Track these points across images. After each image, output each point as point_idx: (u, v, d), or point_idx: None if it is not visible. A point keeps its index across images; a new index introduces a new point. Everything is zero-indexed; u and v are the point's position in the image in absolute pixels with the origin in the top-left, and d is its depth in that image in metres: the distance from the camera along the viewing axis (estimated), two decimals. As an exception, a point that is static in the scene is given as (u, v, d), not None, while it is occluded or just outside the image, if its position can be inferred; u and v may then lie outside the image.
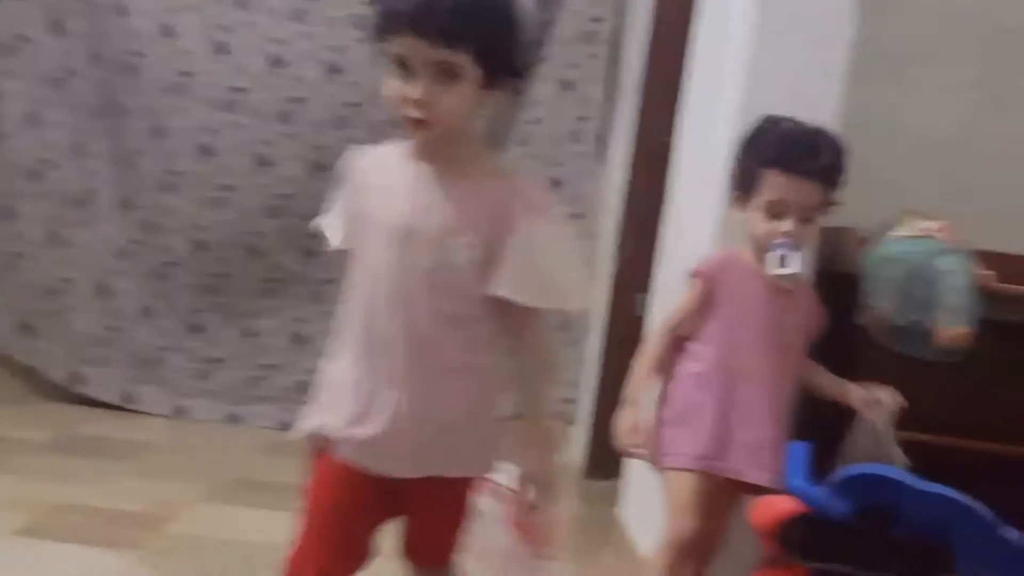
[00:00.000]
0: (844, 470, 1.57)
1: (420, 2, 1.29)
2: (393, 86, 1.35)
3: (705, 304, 1.91)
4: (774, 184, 1.84)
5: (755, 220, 1.86)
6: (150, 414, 3.43)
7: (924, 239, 2.04)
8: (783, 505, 1.61)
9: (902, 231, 2.08)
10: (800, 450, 1.67)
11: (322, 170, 3.40)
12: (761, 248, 1.86)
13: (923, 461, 1.80)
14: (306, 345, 3.53)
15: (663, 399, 1.95)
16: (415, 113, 1.34)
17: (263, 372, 3.56)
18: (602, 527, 2.76)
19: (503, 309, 1.41)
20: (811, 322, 1.94)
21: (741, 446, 1.85)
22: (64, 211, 3.47)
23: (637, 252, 3.05)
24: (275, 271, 3.57)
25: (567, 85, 3.53)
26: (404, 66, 1.33)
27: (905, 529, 1.53)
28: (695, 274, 1.92)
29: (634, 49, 3.36)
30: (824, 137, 1.91)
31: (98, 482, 2.67)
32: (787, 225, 1.83)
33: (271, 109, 3.46)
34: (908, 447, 2.05)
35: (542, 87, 3.50)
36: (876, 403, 1.86)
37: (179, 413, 3.46)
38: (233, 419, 3.48)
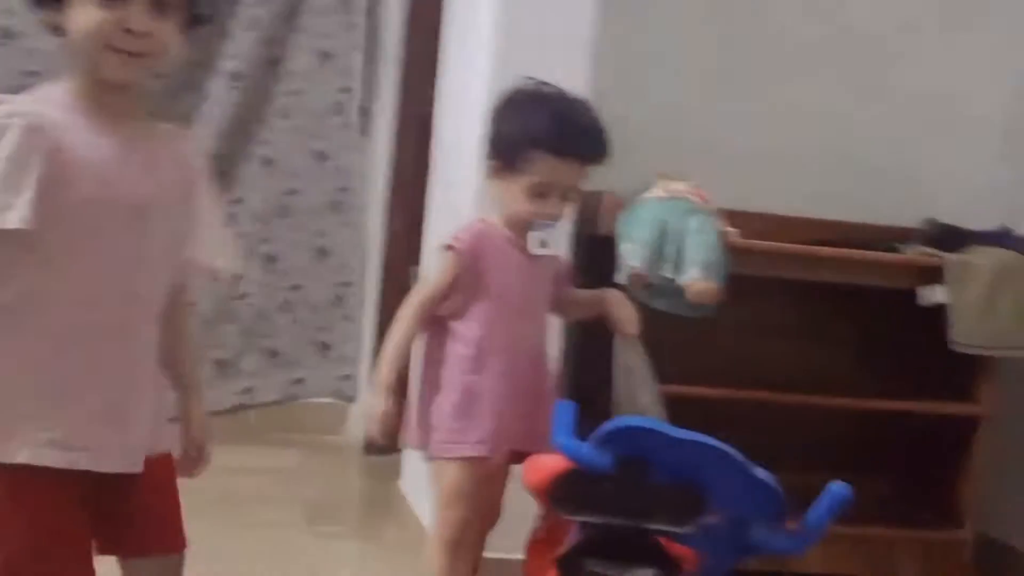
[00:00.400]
0: (603, 425, 1.58)
1: None
2: (95, 16, 1.18)
3: (465, 279, 1.81)
4: (543, 166, 1.75)
5: (517, 197, 1.78)
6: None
7: (675, 200, 2.10)
8: (551, 463, 1.59)
9: (654, 193, 2.14)
10: (565, 409, 1.67)
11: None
12: (519, 224, 1.80)
13: (677, 411, 1.87)
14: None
15: (433, 385, 1.85)
16: (131, 45, 1.20)
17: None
18: (385, 501, 2.75)
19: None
20: (561, 283, 1.90)
21: (520, 422, 1.81)
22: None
23: (407, 224, 3.05)
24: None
25: (325, 56, 3.43)
26: None
27: (662, 476, 1.54)
28: (451, 248, 1.81)
29: (392, 17, 3.33)
30: (592, 116, 1.82)
31: None
32: (552, 206, 1.78)
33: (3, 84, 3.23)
34: (669, 395, 2.14)
35: (301, 58, 3.39)
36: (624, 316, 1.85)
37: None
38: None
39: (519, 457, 1.76)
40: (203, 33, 3.36)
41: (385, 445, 2.43)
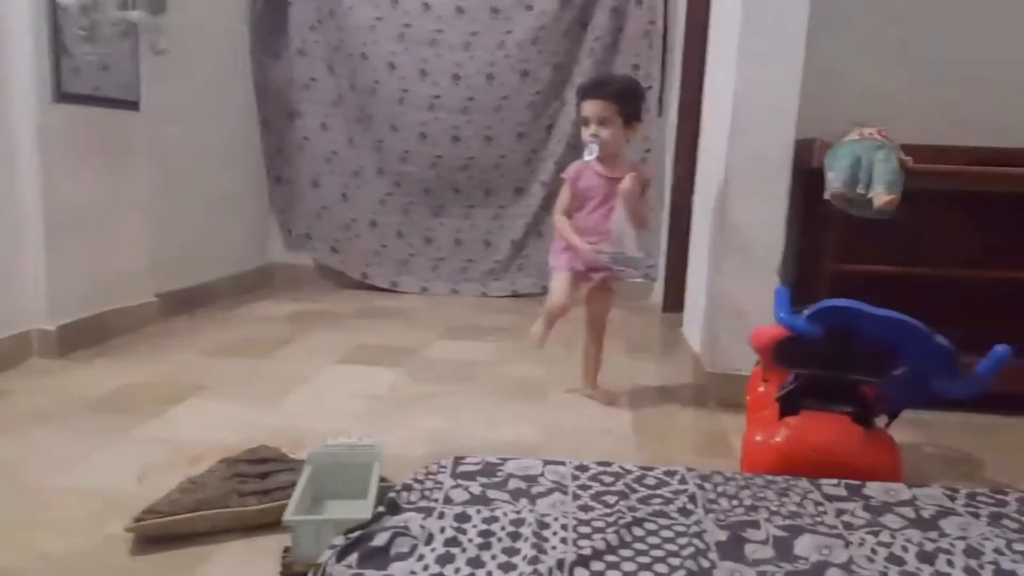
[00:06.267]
0: (816, 304, 1.46)
1: None
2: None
3: (574, 194, 1.97)
4: (583, 107, 1.92)
5: (583, 132, 1.93)
6: (408, 292, 3.58)
7: (865, 140, 1.89)
8: (773, 332, 1.50)
9: (851, 136, 1.93)
10: (783, 292, 1.57)
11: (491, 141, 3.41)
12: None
13: (872, 284, 1.71)
14: (491, 247, 3.61)
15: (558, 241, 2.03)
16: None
17: (468, 263, 3.65)
18: (673, 339, 2.75)
19: None
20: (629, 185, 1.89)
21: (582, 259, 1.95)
22: (347, 180, 3.62)
23: (686, 171, 2.97)
24: (470, 201, 3.61)
25: (636, 68, 3.38)
26: None
27: (862, 341, 1.40)
28: (566, 177, 1.99)
29: (678, 35, 3.21)
30: (616, 77, 2.17)
31: (381, 331, 2.79)
32: (592, 129, 1.89)
33: (457, 107, 3.47)
34: (862, 276, 1.96)
35: (623, 69, 3.36)
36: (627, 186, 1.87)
37: (423, 291, 3.60)
38: (454, 292, 3.61)
39: (585, 276, 1.98)
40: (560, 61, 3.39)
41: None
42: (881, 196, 1.78)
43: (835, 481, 1.31)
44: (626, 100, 1.89)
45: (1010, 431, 1.93)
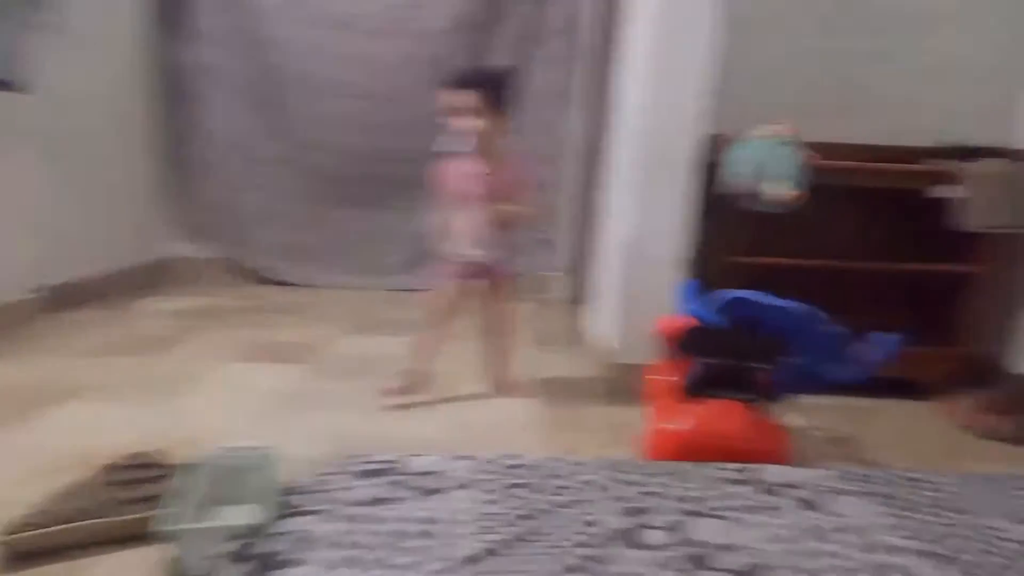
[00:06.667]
0: (721, 295, 1.50)
1: None
2: None
3: (445, 190, 1.92)
4: (450, 96, 1.79)
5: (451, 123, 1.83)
6: (313, 287, 3.45)
7: (770, 137, 1.95)
8: (679, 321, 1.55)
9: (757, 131, 1.99)
10: (692, 284, 1.61)
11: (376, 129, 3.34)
12: None
13: (771, 275, 1.77)
14: (400, 240, 3.53)
15: None
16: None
17: (376, 256, 3.55)
18: (581, 331, 2.77)
19: None
20: (506, 180, 1.86)
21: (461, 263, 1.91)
22: (251, 169, 3.45)
23: (596, 161, 2.97)
24: (379, 193, 3.50)
25: (550, 62, 3.37)
26: None
27: (765, 330, 1.45)
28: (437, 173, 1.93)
29: (591, 34, 3.23)
30: (487, 67, 2.04)
31: (283, 328, 2.69)
32: (460, 120, 1.79)
33: (368, 94, 3.37)
34: (764, 268, 2.02)
35: (535, 63, 3.34)
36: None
37: (330, 285, 3.48)
38: (362, 286, 3.51)
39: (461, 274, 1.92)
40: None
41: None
42: (783, 191, 1.85)
43: (733, 465, 1.35)
44: (496, 90, 1.80)
45: (894, 413, 2.05)
